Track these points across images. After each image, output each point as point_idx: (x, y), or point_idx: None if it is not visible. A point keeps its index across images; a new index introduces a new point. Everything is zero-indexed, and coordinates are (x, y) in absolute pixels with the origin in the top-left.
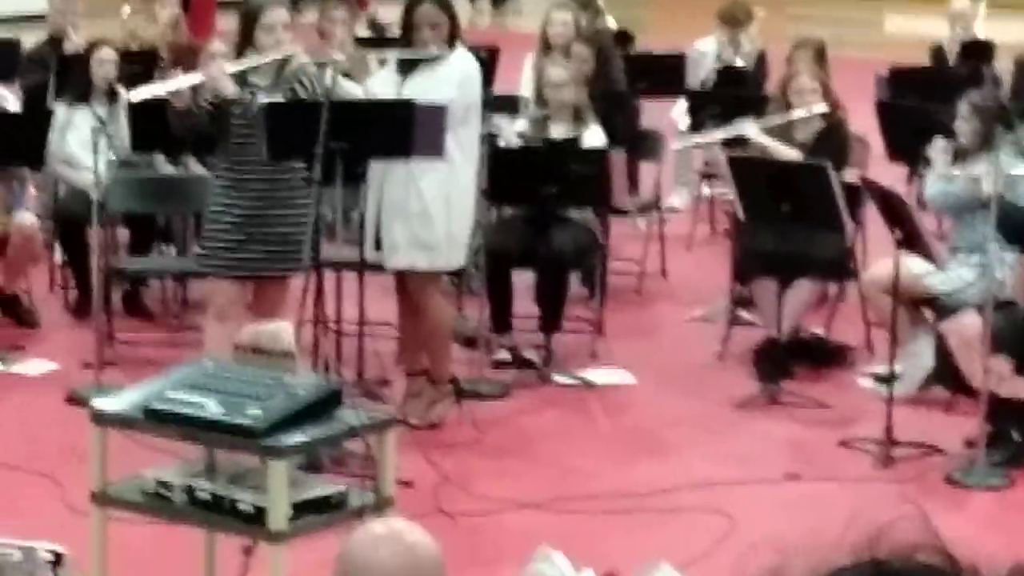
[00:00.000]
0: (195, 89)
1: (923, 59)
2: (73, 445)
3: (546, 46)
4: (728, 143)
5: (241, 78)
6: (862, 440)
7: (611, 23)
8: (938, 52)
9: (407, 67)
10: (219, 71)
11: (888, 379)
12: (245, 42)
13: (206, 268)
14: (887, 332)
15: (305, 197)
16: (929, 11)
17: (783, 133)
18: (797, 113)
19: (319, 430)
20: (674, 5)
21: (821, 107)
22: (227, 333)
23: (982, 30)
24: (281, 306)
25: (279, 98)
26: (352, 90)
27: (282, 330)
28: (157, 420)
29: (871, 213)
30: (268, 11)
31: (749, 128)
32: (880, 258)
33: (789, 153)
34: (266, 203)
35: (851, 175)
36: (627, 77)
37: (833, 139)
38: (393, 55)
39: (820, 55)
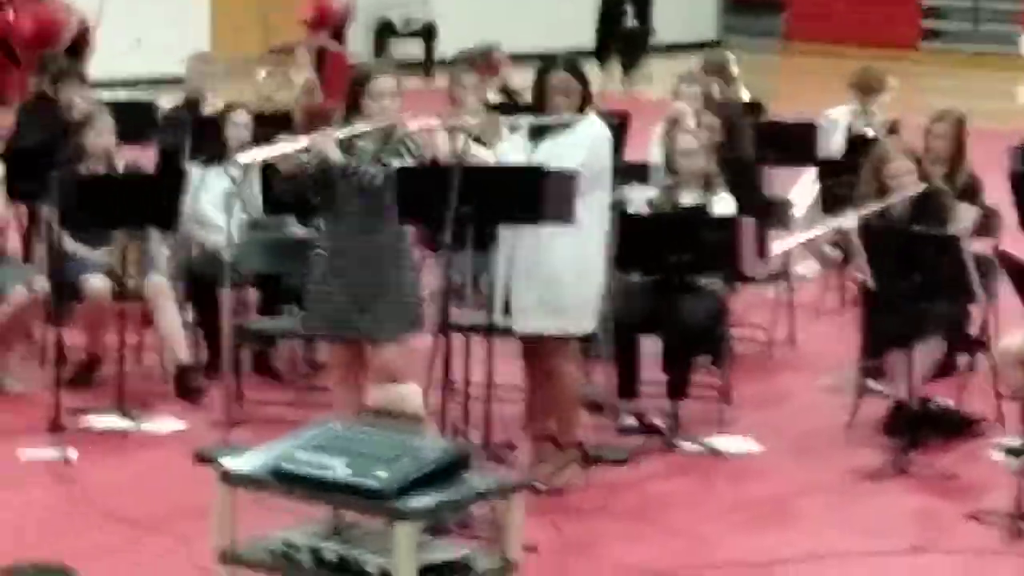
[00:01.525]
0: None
1: None
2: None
3: (674, 117)
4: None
5: (347, 144)
6: (991, 513)
7: (744, 94)
8: None
9: (538, 133)
10: (325, 137)
11: (1019, 451)
12: (352, 109)
13: (310, 331)
14: (1018, 404)
15: (409, 260)
16: None
17: (879, 215)
18: (893, 198)
19: (446, 494)
20: (805, 74)
21: (916, 188)
22: (352, 395)
23: None
24: (397, 369)
25: (404, 163)
26: (483, 155)
27: (410, 393)
28: (285, 481)
29: (1004, 285)
30: (375, 79)
31: (848, 221)
32: (1012, 330)
33: None
34: (370, 267)
35: (984, 246)
36: (757, 146)
37: (928, 207)
38: (525, 121)
39: (960, 127)
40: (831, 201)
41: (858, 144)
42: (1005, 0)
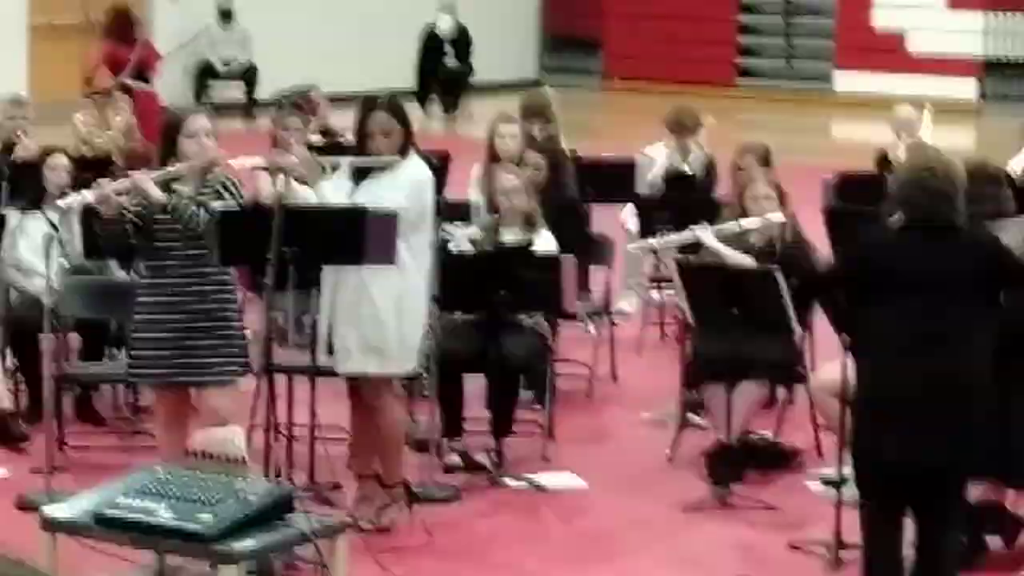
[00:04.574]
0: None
1: (870, 165)
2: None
3: (493, 157)
4: (682, 248)
5: (166, 186)
6: (812, 543)
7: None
8: (883, 158)
9: (360, 174)
10: (144, 178)
11: (837, 482)
12: (168, 151)
13: (137, 379)
14: (835, 435)
15: (233, 302)
16: (875, 117)
17: (738, 239)
18: (751, 221)
19: (270, 536)
20: (624, 111)
21: (778, 216)
22: (176, 439)
23: (927, 136)
24: (225, 413)
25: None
26: (306, 195)
27: (233, 436)
28: (108, 526)
29: (819, 317)
30: (190, 119)
31: (704, 234)
32: (828, 362)
33: (742, 260)
34: (194, 309)
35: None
36: (577, 183)
37: (793, 258)
38: (346, 162)
39: (764, 160)
40: (651, 237)
41: (675, 181)
42: (818, 38)
